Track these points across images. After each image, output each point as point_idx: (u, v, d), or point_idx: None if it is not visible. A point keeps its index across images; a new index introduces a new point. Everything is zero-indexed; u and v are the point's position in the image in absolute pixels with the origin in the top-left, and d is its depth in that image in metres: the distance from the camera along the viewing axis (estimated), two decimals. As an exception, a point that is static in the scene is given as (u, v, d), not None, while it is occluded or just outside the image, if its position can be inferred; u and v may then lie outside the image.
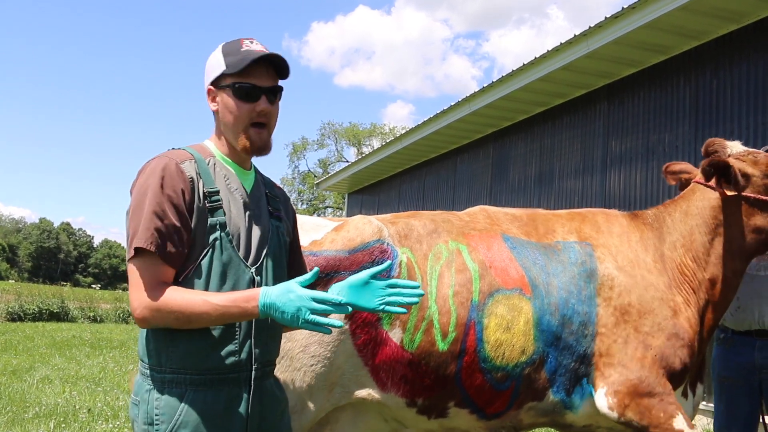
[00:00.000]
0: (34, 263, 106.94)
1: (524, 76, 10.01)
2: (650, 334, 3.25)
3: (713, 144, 3.66)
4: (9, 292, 27.45)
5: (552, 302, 3.25)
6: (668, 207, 3.72)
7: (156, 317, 2.07)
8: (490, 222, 3.52)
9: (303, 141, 52.22)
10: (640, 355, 3.21)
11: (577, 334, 3.24)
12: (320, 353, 3.02)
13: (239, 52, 2.24)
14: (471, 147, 13.55)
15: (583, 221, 3.61)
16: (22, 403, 7.65)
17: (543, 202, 10.77)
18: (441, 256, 3.27)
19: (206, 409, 2.13)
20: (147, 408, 2.15)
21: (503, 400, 3.20)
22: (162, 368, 2.15)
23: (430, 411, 3.19)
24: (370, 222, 3.27)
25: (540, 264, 3.36)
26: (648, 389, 3.18)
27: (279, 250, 2.36)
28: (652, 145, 8.70)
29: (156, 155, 2.23)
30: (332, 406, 3.12)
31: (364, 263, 3.10)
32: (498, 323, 3.16)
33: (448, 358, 3.12)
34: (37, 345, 13.93)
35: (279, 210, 2.42)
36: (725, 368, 4.12)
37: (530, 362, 3.19)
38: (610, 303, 3.30)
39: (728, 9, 7.34)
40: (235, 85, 2.23)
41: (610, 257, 3.42)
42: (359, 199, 20.75)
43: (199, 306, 2.05)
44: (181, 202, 2.13)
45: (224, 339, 2.17)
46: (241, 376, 2.20)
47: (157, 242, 2.07)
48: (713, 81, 7.92)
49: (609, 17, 8.15)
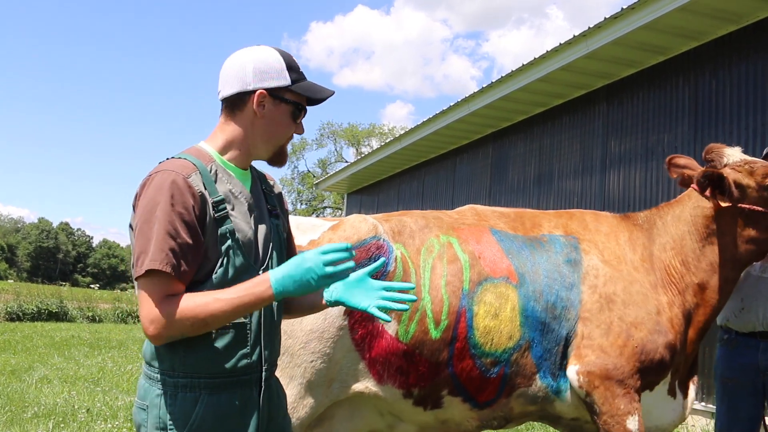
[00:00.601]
0: (32, 263, 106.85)
1: (523, 76, 10.02)
2: (634, 325, 3.31)
3: (711, 151, 3.65)
4: (8, 292, 27.36)
5: (537, 289, 3.36)
6: (661, 210, 3.74)
7: (171, 330, 2.04)
8: (479, 218, 3.62)
9: (302, 141, 52.20)
10: (621, 343, 3.28)
11: (560, 319, 3.33)
12: (320, 349, 3.08)
13: (303, 75, 2.30)
14: (470, 147, 13.56)
15: (570, 218, 3.68)
16: (21, 403, 7.64)
17: (542, 202, 10.78)
18: (433, 249, 3.37)
19: (221, 412, 2.13)
20: (159, 413, 2.12)
21: (493, 387, 3.29)
22: (175, 372, 2.13)
23: (425, 401, 3.27)
24: (365, 220, 3.35)
25: (525, 254, 3.46)
26: (620, 377, 3.25)
27: (280, 248, 2.38)
28: (651, 145, 8.71)
29: (159, 168, 2.16)
30: (330, 401, 3.17)
31: (362, 260, 3.17)
32: (486, 310, 3.27)
33: (440, 345, 3.21)
34: (36, 345, 13.91)
35: (276, 207, 2.44)
36: (728, 369, 4.10)
37: (517, 347, 3.28)
38: (596, 290, 3.37)
39: (727, 10, 7.35)
40: (298, 105, 2.28)
41: (596, 251, 3.50)
42: (358, 199, 20.76)
43: (212, 306, 2.03)
44: (193, 219, 2.09)
45: (237, 342, 2.17)
46: (252, 378, 2.21)
47: (172, 263, 2.03)
48: (712, 81, 7.93)
49: (608, 18, 8.16)
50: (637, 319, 3.32)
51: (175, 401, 2.12)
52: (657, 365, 3.33)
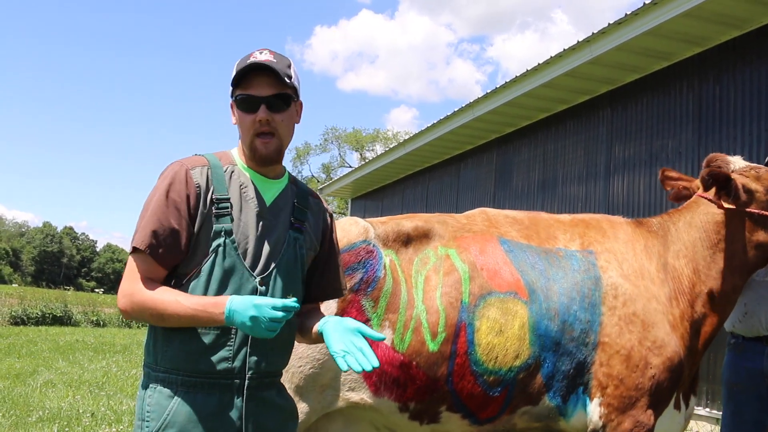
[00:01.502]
0: (37, 267, 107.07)
1: (527, 82, 10.03)
2: (652, 350, 3.21)
3: (716, 159, 3.60)
4: (12, 296, 27.48)
5: (552, 307, 3.21)
6: (672, 216, 3.68)
7: (135, 310, 2.17)
8: (488, 224, 3.47)
9: (306, 146, 52.27)
10: (640, 373, 3.17)
11: (578, 341, 3.20)
12: (308, 354, 3.02)
13: (244, 63, 2.26)
14: (474, 153, 13.56)
15: (587, 227, 3.55)
16: (26, 407, 7.66)
17: (546, 208, 10.76)
18: (428, 261, 3.25)
19: (194, 412, 2.16)
20: (141, 404, 2.22)
21: (496, 405, 3.16)
22: (156, 366, 2.22)
23: (422, 416, 3.16)
24: (356, 222, 3.26)
25: (539, 268, 3.30)
26: (635, 413, 3.17)
27: (293, 263, 2.35)
28: (655, 151, 8.70)
29: (174, 161, 2.31)
30: (323, 408, 3.09)
31: (351, 264, 3.09)
32: (490, 326, 3.13)
33: (438, 359, 3.09)
34: (41, 349, 13.95)
35: (303, 222, 2.40)
36: (734, 374, 4.08)
37: (525, 367, 3.14)
38: (615, 312, 3.24)
39: (731, 15, 7.35)
40: (237, 97, 2.28)
41: (615, 264, 3.37)
42: (362, 204, 20.75)
43: (171, 306, 2.11)
44: (185, 208, 2.19)
45: (218, 344, 2.20)
46: (234, 384, 2.21)
47: (152, 243, 2.15)
48: (716, 87, 7.93)
49: (612, 23, 8.16)
50: (656, 343, 3.22)
51: (154, 394, 2.20)
52: (668, 391, 3.26)
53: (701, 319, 3.47)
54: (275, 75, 2.25)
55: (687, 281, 3.47)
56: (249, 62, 2.24)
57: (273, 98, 2.27)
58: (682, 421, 3.50)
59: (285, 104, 2.30)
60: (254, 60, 2.25)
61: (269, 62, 2.24)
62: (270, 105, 2.26)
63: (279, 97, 2.28)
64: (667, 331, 3.27)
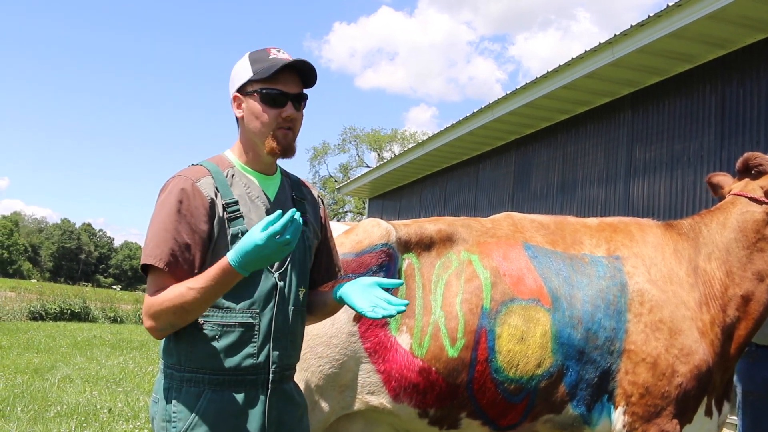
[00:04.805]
0: (55, 263, 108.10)
1: (548, 83, 9.98)
2: (679, 358, 3.12)
3: (755, 158, 3.51)
4: (31, 292, 27.74)
5: (575, 315, 3.15)
6: (704, 217, 3.57)
7: (160, 322, 2.15)
8: (514, 229, 3.41)
9: (324, 145, 52.38)
10: (666, 381, 3.10)
11: (603, 350, 3.13)
12: (327, 354, 3.02)
13: (267, 59, 2.30)
14: (493, 154, 13.52)
15: (614, 231, 3.47)
16: (44, 402, 7.72)
17: (565, 210, 10.71)
18: (450, 265, 3.21)
19: (222, 409, 2.19)
20: (165, 405, 2.22)
21: (517, 413, 3.12)
22: (181, 367, 2.23)
23: (441, 422, 3.13)
24: (378, 224, 3.22)
25: (564, 275, 3.25)
26: (659, 422, 3.11)
27: (303, 255, 2.40)
28: (677, 153, 8.63)
29: (174, 174, 2.30)
30: (342, 410, 3.09)
31: (371, 266, 3.08)
32: (512, 333, 3.08)
33: (458, 365, 3.05)
34: (59, 344, 14.05)
35: (304, 213, 2.45)
36: (750, 383, 4.03)
37: (547, 375, 3.09)
38: (641, 319, 3.16)
39: (756, 18, 7.27)
40: (262, 90, 2.29)
41: (642, 269, 3.29)
42: (380, 204, 20.76)
43: (186, 294, 2.11)
44: (197, 221, 2.20)
45: (242, 341, 2.22)
46: (258, 379, 2.25)
47: (167, 260, 2.15)
48: (740, 90, 7.85)
49: (634, 25, 8.10)
50: (683, 350, 3.13)
51: (180, 395, 2.21)
52: (695, 399, 3.18)
53: (734, 323, 3.36)
54: (300, 74, 2.34)
55: (719, 285, 3.36)
56: (284, 59, 2.28)
57: (297, 96, 2.34)
58: (714, 428, 3.38)
59: (304, 103, 2.38)
60: (284, 58, 2.29)
61: (307, 61, 2.30)
62: (294, 103, 2.32)
63: (301, 97, 2.36)
64: (695, 338, 3.18)
